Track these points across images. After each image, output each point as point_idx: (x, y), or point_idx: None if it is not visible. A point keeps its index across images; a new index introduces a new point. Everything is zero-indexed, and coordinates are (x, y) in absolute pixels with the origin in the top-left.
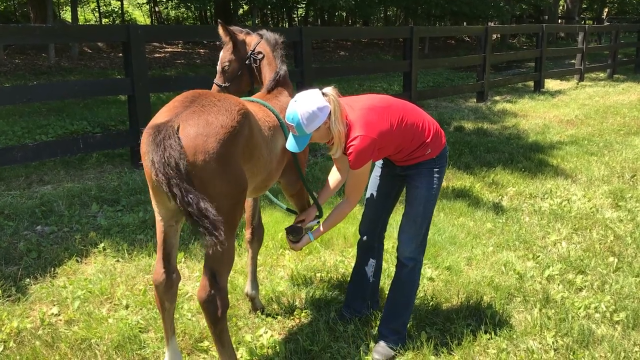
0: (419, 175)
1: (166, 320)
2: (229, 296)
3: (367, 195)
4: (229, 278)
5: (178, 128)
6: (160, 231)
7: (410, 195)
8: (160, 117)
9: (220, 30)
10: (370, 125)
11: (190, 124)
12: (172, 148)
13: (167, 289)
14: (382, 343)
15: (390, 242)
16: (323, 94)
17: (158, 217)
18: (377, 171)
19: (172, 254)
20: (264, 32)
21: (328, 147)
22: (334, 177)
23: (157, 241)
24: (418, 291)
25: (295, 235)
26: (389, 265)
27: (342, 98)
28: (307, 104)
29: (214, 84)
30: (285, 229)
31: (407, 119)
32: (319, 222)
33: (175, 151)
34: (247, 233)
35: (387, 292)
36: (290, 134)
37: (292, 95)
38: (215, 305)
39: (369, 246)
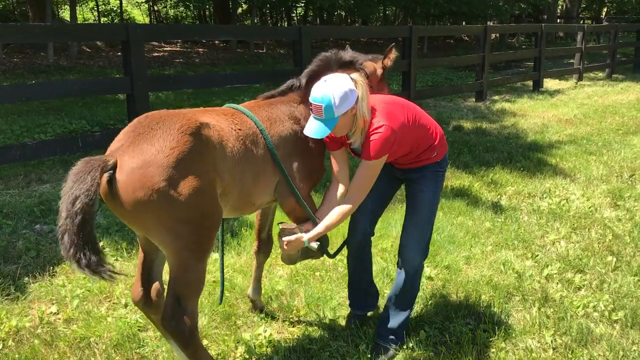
0: (424, 179)
1: (159, 327)
2: (225, 295)
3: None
4: (197, 299)
5: (115, 164)
6: (140, 248)
7: (414, 200)
8: (110, 149)
9: None
10: (393, 117)
11: (126, 158)
12: (82, 182)
13: (148, 306)
14: (381, 343)
15: (389, 241)
16: (352, 79)
17: (138, 238)
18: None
19: (152, 269)
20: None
21: (347, 137)
22: (333, 190)
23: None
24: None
25: (286, 232)
26: (388, 264)
27: None
28: (340, 84)
29: None
30: (278, 232)
31: (420, 119)
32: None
33: (84, 185)
34: (254, 245)
35: (385, 291)
36: (312, 119)
37: (290, 113)
38: (180, 331)
39: (361, 245)
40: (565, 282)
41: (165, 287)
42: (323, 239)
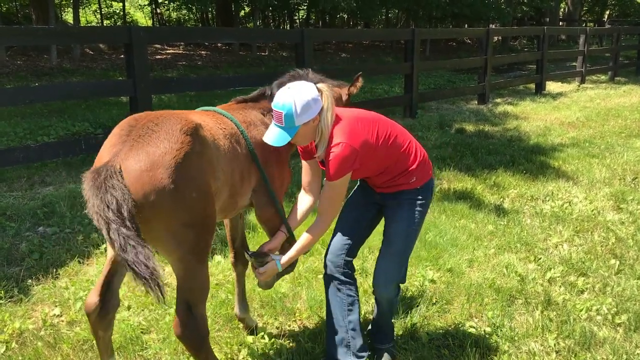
0: (400, 207)
1: (101, 347)
2: (228, 298)
3: (337, 221)
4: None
5: (120, 169)
6: (108, 258)
7: (389, 230)
8: (101, 158)
9: None
10: (354, 134)
11: (131, 161)
12: (114, 189)
13: (101, 318)
14: (383, 354)
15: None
16: (317, 88)
17: (109, 247)
18: (352, 196)
19: (113, 281)
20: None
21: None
22: (301, 205)
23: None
24: (419, 293)
25: (259, 261)
26: None
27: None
28: (303, 92)
29: None
30: (250, 254)
31: (395, 138)
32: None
33: (118, 191)
34: (230, 256)
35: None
36: (272, 124)
37: (261, 119)
38: (193, 339)
39: (336, 279)
40: (568, 285)
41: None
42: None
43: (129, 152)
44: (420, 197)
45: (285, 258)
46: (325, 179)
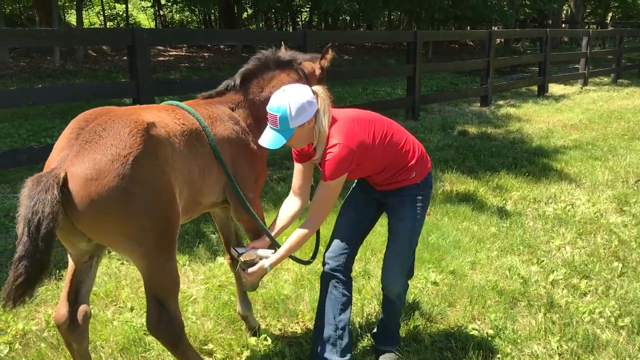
0: (402, 204)
1: (76, 358)
2: (231, 299)
3: (337, 218)
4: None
5: (65, 176)
6: (70, 267)
7: (394, 228)
8: (50, 162)
9: None
10: (351, 135)
11: (77, 169)
12: (43, 204)
13: (71, 331)
14: (385, 354)
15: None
16: (313, 91)
17: (69, 255)
18: (351, 193)
19: (81, 290)
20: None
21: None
22: (288, 208)
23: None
24: (422, 295)
25: (248, 263)
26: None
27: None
28: (298, 94)
29: None
30: (241, 251)
31: (392, 136)
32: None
33: (47, 208)
34: (226, 258)
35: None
36: (268, 128)
37: (229, 114)
38: (169, 334)
39: (334, 277)
40: (571, 287)
41: (91, 310)
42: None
43: (74, 158)
44: (421, 193)
45: (273, 259)
46: (321, 179)
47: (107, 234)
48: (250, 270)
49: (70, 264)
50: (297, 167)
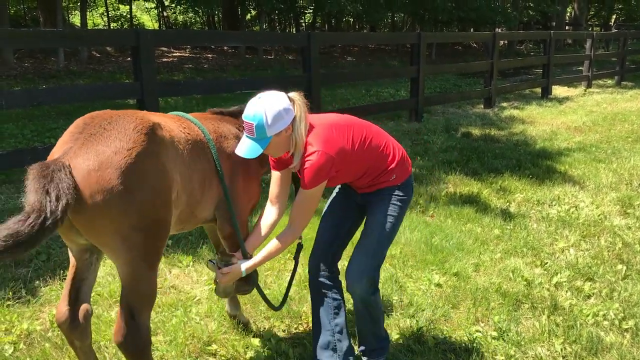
0: (381, 201)
1: (80, 357)
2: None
3: (319, 225)
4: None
5: (69, 166)
6: (71, 264)
7: (366, 223)
8: (53, 155)
9: None
10: (329, 142)
11: (80, 160)
12: (60, 180)
13: (73, 329)
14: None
15: (398, 247)
16: (289, 97)
17: (70, 253)
18: (332, 199)
19: (82, 288)
20: None
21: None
22: (267, 218)
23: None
24: (426, 297)
25: (224, 260)
26: (397, 271)
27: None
28: (274, 102)
29: None
30: (214, 264)
31: (371, 140)
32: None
33: (64, 183)
34: (217, 258)
35: (394, 298)
36: (244, 137)
37: (236, 134)
38: (134, 347)
39: (320, 283)
40: (574, 290)
41: (93, 309)
42: (253, 273)
43: (78, 150)
44: (400, 193)
45: (250, 263)
46: (300, 187)
47: (101, 230)
48: (225, 269)
49: (72, 261)
50: (275, 175)
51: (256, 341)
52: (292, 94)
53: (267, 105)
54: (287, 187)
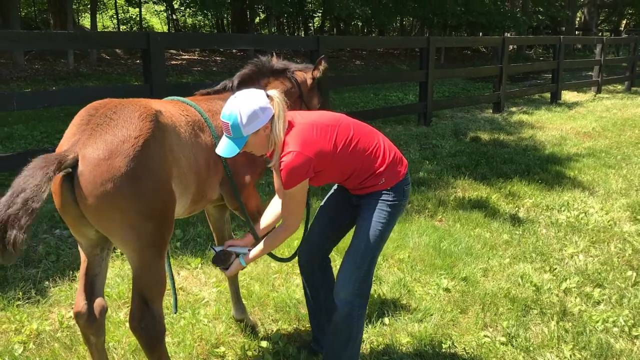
0: (368, 206)
1: (94, 354)
2: (244, 302)
3: (313, 220)
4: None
5: (77, 158)
6: (82, 260)
7: (355, 229)
8: (61, 147)
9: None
10: (307, 143)
11: (89, 150)
12: (33, 177)
13: (90, 323)
14: None
15: (406, 251)
16: (267, 95)
17: (80, 249)
18: (330, 194)
19: (95, 283)
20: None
21: (266, 159)
22: (273, 207)
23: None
24: (434, 301)
25: (222, 262)
26: (405, 276)
27: (290, 111)
28: (249, 101)
29: None
30: (213, 257)
31: (357, 142)
32: (249, 250)
33: (32, 183)
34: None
35: (402, 301)
36: (224, 136)
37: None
38: (149, 334)
39: (311, 274)
40: (584, 296)
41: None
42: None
43: (87, 140)
44: (390, 198)
45: (249, 256)
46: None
47: (111, 218)
48: (226, 272)
49: (83, 257)
50: (274, 170)
51: (264, 344)
52: (271, 92)
53: (242, 105)
54: None
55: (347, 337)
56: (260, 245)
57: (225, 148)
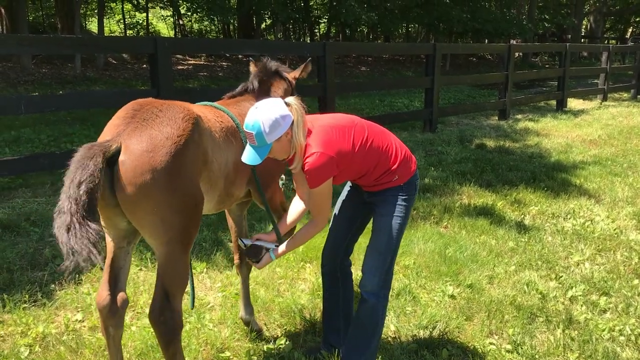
0: (385, 202)
1: (111, 347)
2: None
3: (331, 223)
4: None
5: (120, 147)
6: (109, 252)
7: (375, 225)
8: (103, 136)
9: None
10: (329, 143)
11: (134, 141)
12: (85, 168)
13: (112, 314)
14: None
15: (411, 258)
16: (286, 103)
17: (107, 238)
18: (344, 195)
19: (119, 276)
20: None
21: (287, 163)
22: (295, 206)
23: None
24: (439, 308)
25: (254, 255)
26: (410, 282)
27: (307, 115)
28: (270, 110)
29: None
30: (245, 250)
31: (372, 141)
32: (277, 246)
33: (86, 174)
34: (235, 258)
35: (407, 308)
36: (248, 145)
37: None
38: (167, 327)
39: (332, 275)
40: (590, 304)
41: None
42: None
43: (132, 132)
44: (403, 193)
45: (278, 251)
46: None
47: (145, 209)
48: (260, 264)
49: (109, 249)
50: (294, 175)
51: (269, 349)
52: (289, 99)
53: (264, 114)
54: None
55: (374, 328)
56: (292, 240)
57: (250, 156)
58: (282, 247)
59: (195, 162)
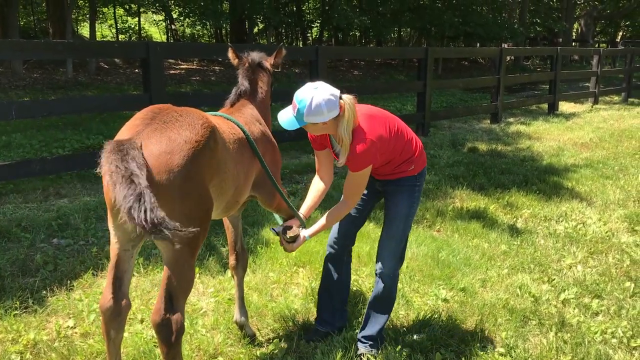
0: (400, 192)
1: (111, 350)
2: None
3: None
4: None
5: (140, 146)
6: (113, 255)
7: (390, 213)
8: (121, 135)
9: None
10: (373, 130)
11: (153, 141)
12: (135, 158)
13: (115, 317)
14: (360, 346)
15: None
16: (341, 97)
17: (113, 240)
18: None
19: (123, 279)
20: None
21: (332, 147)
22: (316, 186)
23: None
24: (432, 312)
25: (291, 238)
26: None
27: None
28: (322, 97)
29: None
30: (279, 229)
31: (400, 131)
32: (304, 228)
33: (138, 159)
34: (230, 259)
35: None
36: (289, 108)
37: (256, 116)
38: (170, 330)
39: (339, 259)
40: (582, 307)
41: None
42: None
43: (152, 133)
44: (417, 183)
45: (311, 231)
46: (350, 170)
47: None
48: (293, 245)
49: (114, 252)
50: (317, 154)
51: (262, 354)
52: (345, 96)
53: (315, 97)
54: (329, 165)
55: (391, 301)
56: (323, 220)
57: (286, 120)
58: (314, 227)
59: (209, 169)
